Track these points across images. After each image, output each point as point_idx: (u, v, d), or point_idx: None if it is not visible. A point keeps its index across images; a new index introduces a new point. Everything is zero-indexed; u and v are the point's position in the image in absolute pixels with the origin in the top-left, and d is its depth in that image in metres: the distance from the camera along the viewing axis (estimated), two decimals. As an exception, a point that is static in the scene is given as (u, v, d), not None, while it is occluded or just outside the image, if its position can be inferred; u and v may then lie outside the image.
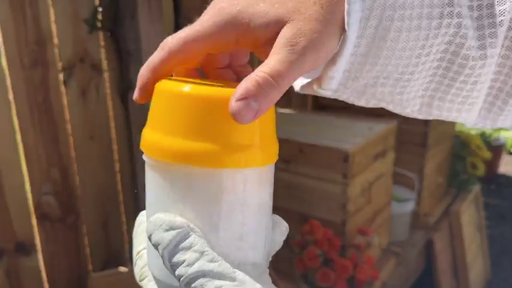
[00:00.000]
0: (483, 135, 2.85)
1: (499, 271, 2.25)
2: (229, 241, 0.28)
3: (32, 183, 1.11)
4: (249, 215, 0.29)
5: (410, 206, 1.78)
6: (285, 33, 0.28)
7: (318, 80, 0.31)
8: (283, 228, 0.32)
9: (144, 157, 0.30)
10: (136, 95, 0.31)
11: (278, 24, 0.28)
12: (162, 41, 0.31)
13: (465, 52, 0.30)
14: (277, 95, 0.27)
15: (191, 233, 0.27)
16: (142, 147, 0.29)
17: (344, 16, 0.28)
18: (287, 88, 0.28)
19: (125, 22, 1.12)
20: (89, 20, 1.13)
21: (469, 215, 2.10)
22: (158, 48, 0.30)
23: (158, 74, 0.30)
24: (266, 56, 0.29)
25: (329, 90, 0.31)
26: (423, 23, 0.29)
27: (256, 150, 0.28)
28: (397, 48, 0.30)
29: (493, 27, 0.30)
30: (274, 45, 0.28)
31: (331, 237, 1.34)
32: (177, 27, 1.33)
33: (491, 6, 0.29)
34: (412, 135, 1.79)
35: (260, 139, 0.28)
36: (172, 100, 0.28)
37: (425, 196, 1.88)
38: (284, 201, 1.45)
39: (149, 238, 0.28)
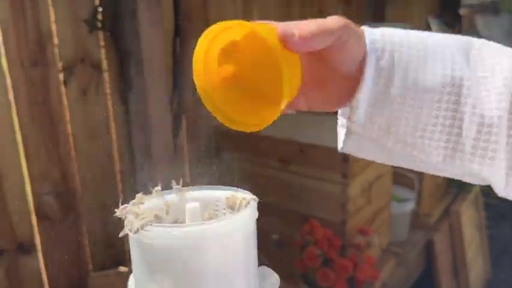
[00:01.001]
0: (483, 135, 2.85)
1: (499, 271, 2.25)
2: None
3: (32, 183, 1.10)
4: (227, 283, 0.30)
5: (410, 206, 1.78)
6: None
7: (349, 118, 0.37)
8: (274, 280, 0.34)
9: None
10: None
11: None
12: (162, 41, 0.32)
13: (470, 118, 0.35)
14: (316, 28, 0.34)
15: None
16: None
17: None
18: (327, 28, 0.35)
19: (125, 22, 1.12)
20: (89, 20, 1.13)
21: (469, 215, 2.10)
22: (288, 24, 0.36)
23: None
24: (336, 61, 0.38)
25: (357, 122, 0.37)
26: (426, 104, 0.36)
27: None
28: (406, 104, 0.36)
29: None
30: None
31: (331, 237, 1.34)
32: (177, 27, 1.33)
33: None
34: (412, 135, 1.78)
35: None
36: None
37: (425, 196, 1.88)
38: (284, 201, 1.44)
39: None
